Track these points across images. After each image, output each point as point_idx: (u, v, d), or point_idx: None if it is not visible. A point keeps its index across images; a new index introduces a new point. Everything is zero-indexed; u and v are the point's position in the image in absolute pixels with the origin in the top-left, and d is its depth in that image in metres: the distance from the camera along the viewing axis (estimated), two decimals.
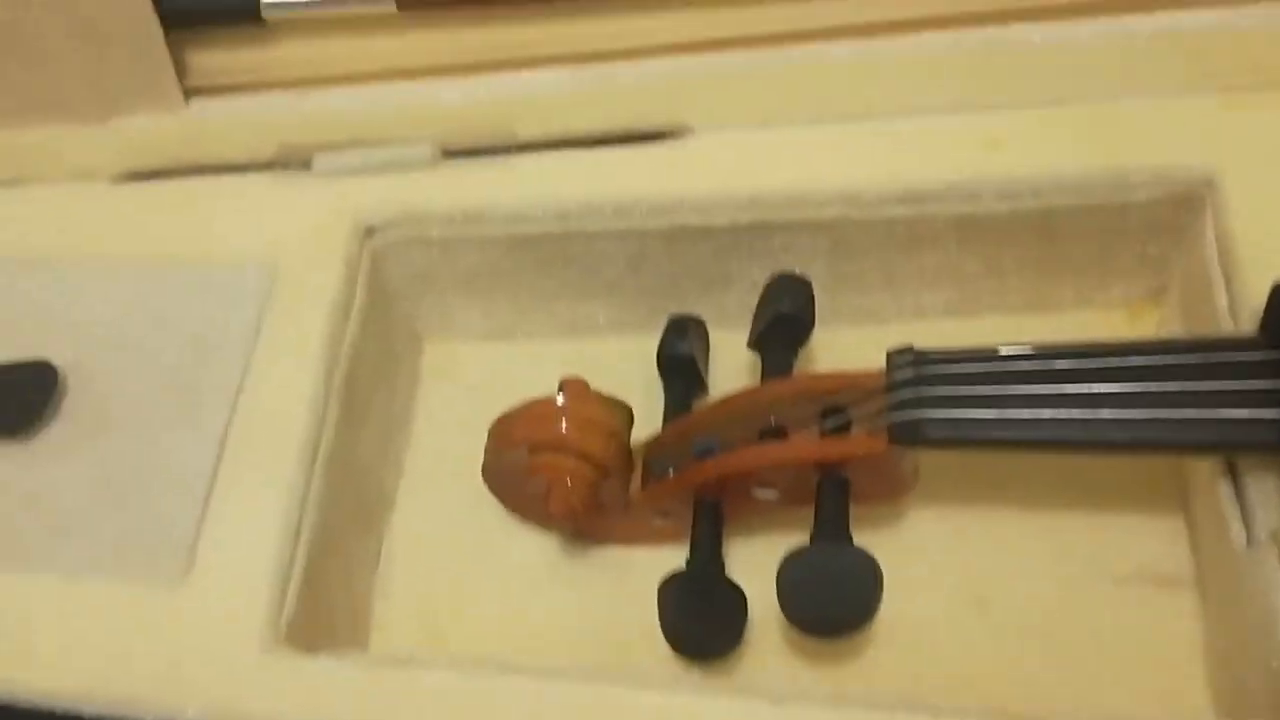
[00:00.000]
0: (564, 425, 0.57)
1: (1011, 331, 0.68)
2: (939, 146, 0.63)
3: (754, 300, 0.63)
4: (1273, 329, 0.52)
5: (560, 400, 0.58)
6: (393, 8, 0.65)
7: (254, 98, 0.68)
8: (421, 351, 0.72)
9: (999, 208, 0.62)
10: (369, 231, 0.65)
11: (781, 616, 0.52)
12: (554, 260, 0.66)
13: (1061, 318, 0.68)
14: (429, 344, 0.72)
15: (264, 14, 0.65)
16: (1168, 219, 0.63)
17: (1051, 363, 0.52)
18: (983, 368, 0.52)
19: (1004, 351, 0.53)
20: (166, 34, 0.65)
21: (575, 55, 0.66)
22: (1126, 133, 0.63)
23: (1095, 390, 0.51)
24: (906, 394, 0.53)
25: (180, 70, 0.67)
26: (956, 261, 0.66)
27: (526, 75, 0.66)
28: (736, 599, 0.56)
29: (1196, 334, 0.59)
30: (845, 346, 0.67)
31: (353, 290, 0.64)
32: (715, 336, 0.67)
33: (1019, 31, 0.63)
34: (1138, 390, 0.50)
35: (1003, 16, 0.63)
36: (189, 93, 0.68)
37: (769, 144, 0.65)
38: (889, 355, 0.54)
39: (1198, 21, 0.63)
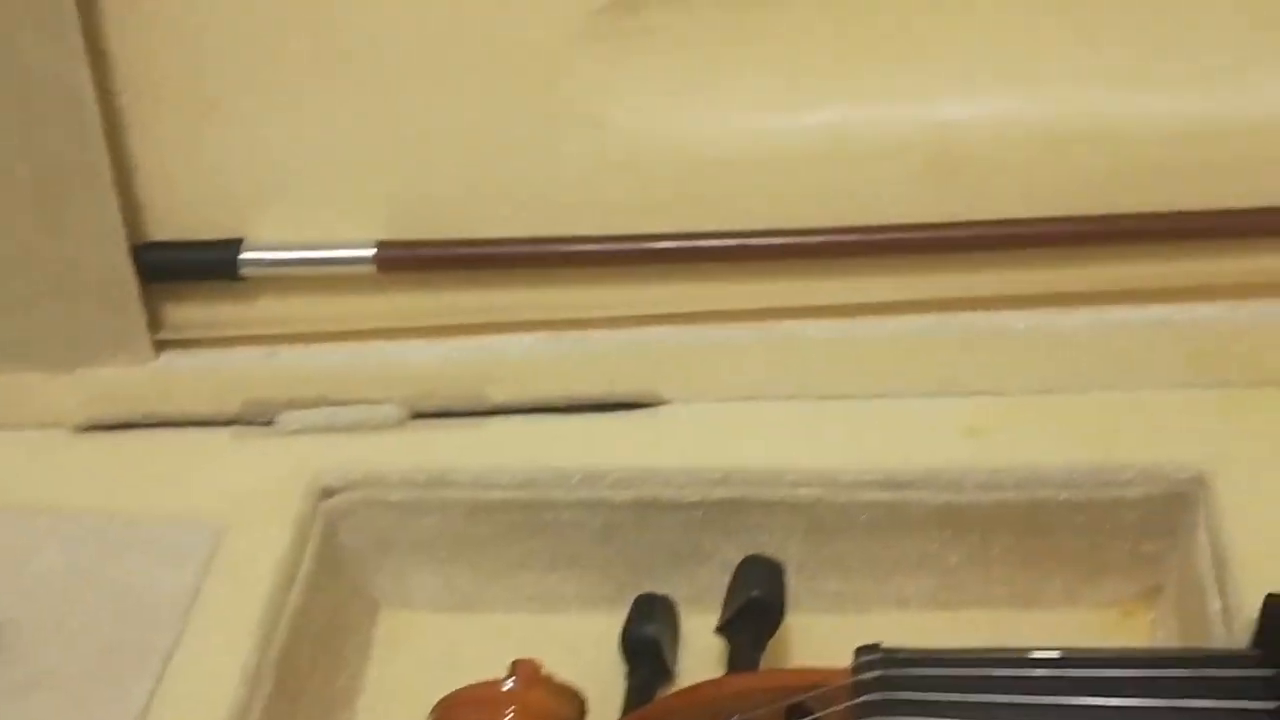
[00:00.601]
0: (509, 714, 0.53)
1: (996, 627, 0.65)
2: (918, 431, 0.61)
3: (727, 579, 0.60)
4: (1267, 644, 0.48)
5: (508, 685, 0.54)
6: (372, 269, 0.64)
7: (225, 352, 0.67)
8: (376, 620, 0.68)
9: (982, 498, 0.60)
10: (326, 492, 0.63)
11: None
12: (518, 529, 0.64)
13: (1049, 615, 0.65)
14: (385, 612, 0.68)
15: (242, 271, 0.65)
16: (1160, 518, 0.60)
17: (1029, 670, 0.48)
18: (955, 672, 0.49)
19: (979, 656, 0.49)
20: (142, 287, 0.65)
21: (551, 321, 0.65)
22: (1115, 426, 0.61)
23: (1076, 703, 0.47)
24: (873, 697, 0.49)
25: (153, 323, 0.66)
26: (938, 551, 0.63)
27: (500, 339, 0.65)
28: None
29: (1185, 646, 0.56)
30: (824, 634, 0.64)
31: (301, 554, 0.61)
32: (687, 617, 0.64)
33: (1002, 318, 0.62)
34: (1121, 706, 0.47)
35: (987, 303, 0.62)
36: (160, 345, 0.67)
37: (744, 419, 0.64)
38: (856, 653, 0.51)
39: (1193, 315, 0.62)
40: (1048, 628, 0.64)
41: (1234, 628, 0.54)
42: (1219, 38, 0.61)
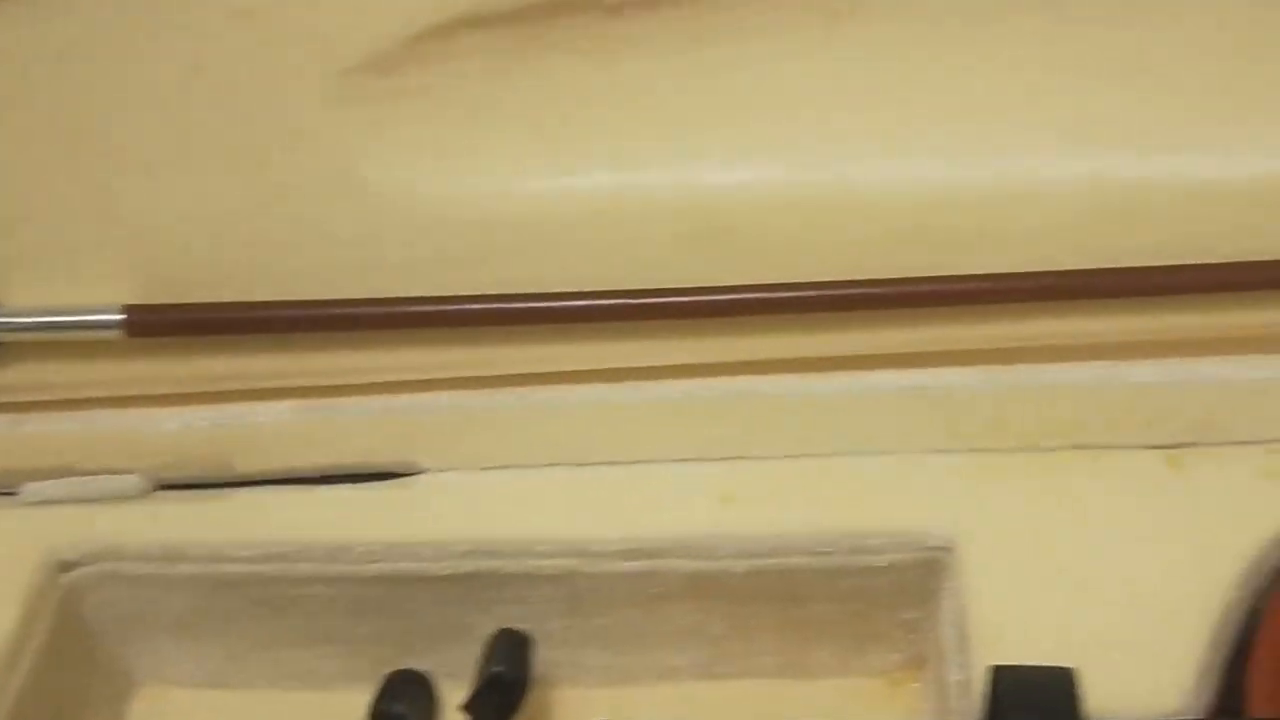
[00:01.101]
0: None
1: (765, 698, 0.64)
2: (672, 499, 0.60)
3: None
4: (989, 715, 0.48)
5: None
6: (121, 334, 0.62)
7: None
8: (131, 697, 0.66)
9: (735, 566, 0.59)
10: (64, 566, 0.61)
11: None
12: (267, 604, 0.62)
13: (818, 685, 0.64)
14: (142, 688, 0.66)
15: None
16: (913, 584, 0.60)
17: None
18: None
19: None
20: None
21: (304, 388, 0.63)
22: (868, 492, 0.60)
23: None
24: None
25: None
26: (700, 621, 0.62)
27: (251, 406, 0.63)
28: None
29: None
30: (590, 708, 0.63)
31: (31, 630, 0.58)
32: (451, 693, 0.62)
33: (756, 383, 0.61)
34: None
35: (744, 368, 0.62)
36: None
37: (501, 488, 0.62)
38: None
39: (946, 380, 0.62)
40: (817, 698, 0.64)
41: (973, 699, 0.53)
42: (967, 108, 0.61)
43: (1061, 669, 0.49)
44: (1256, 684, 0.51)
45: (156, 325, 0.62)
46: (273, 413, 0.63)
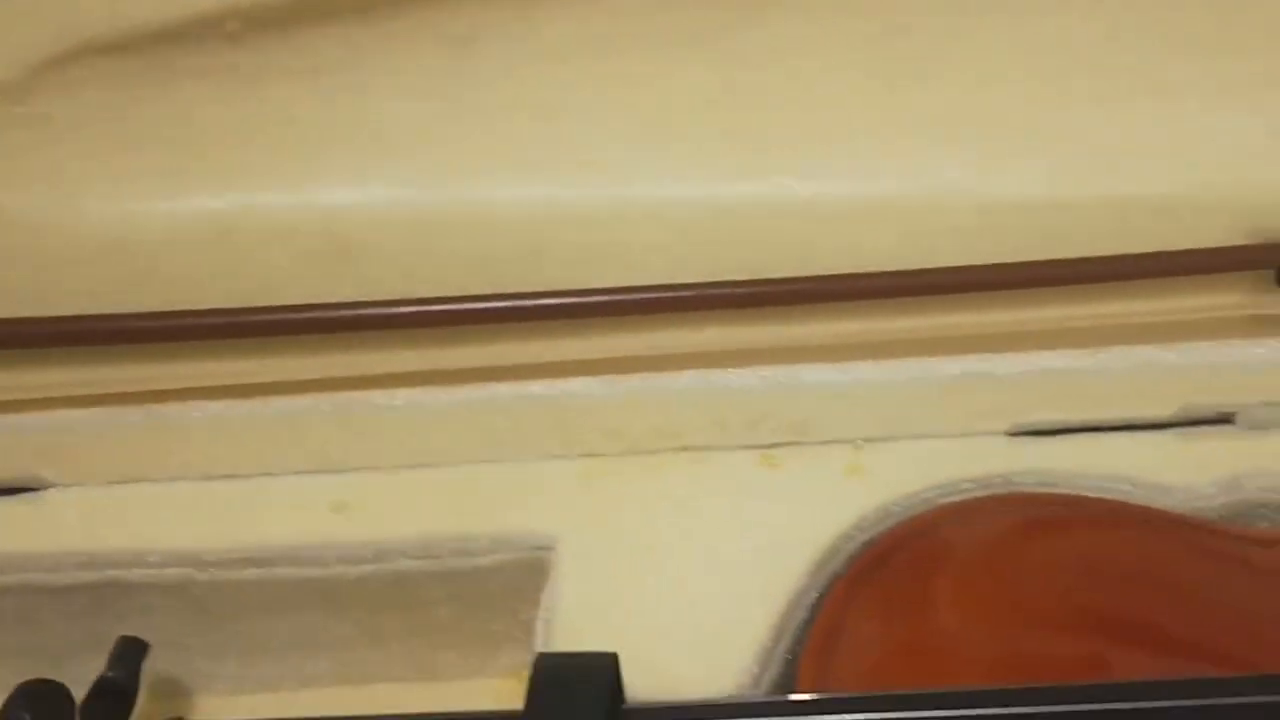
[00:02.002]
0: None
1: (399, 703, 0.65)
2: (287, 509, 0.62)
3: None
4: (532, 703, 0.50)
5: None
6: None
7: None
8: None
9: (348, 572, 0.61)
10: None
11: None
12: None
13: (451, 688, 0.66)
14: None
15: None
16: (526, 585, 0.62)
17: None
18: None
19: None
20: None
21: None
22: (479, 497, 0.63)
23: None
24: None
25: None
26: (330, 628, 0.64)
27: None
28: None
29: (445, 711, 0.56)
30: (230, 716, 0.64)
31: None
32: None
33: (371, 397, 0.64)
34: None
35: (359, 382, 0.64)
36: None
37: (124, 502, 0.64)
38: None
39: (561, 390, 0.64)
40: (451, 701, 0.65)
41: None
42: (584, 131, 0.65)
43: (603, 654, 0.51)
44: (804, 665, 0.54)
45: None
46: None
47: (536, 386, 0.65)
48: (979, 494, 0.62)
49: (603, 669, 0.50)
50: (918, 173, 0.66)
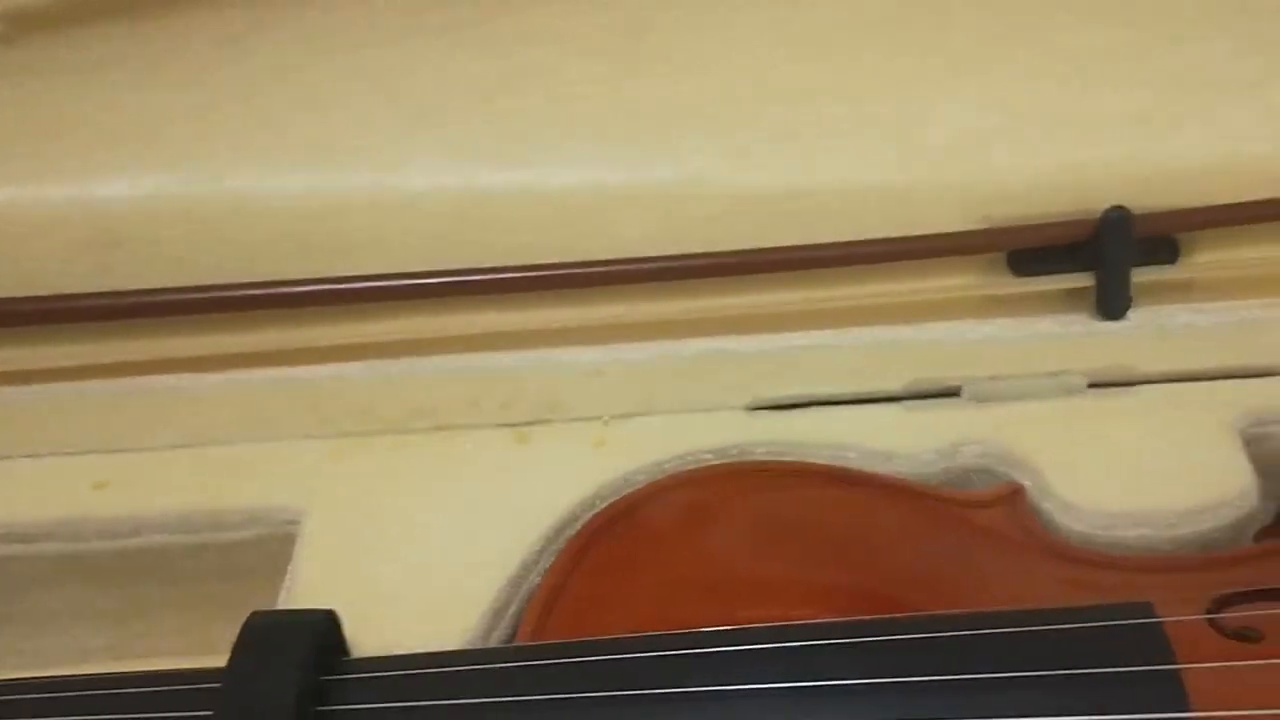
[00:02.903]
0: None
1: None
2: (50, 487, 0.65)
3: None
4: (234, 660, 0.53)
5: None
6: None
7: None
8: None
9: (106, 546, 0.64)
10: None
11: None
12: None
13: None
14: None
15: None
16: (279, 560, 0.65)
17: None
18: None
19: None
20: None
21: None
22: (236, 475, 0.66)
23: None
24: None
25: None
26: (102, 603, 0.67)
27: None
28: None
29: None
30: None
31: None
32: None
33: (134, 381, 0.67)
34: None
35: (123, 369, 0.67)
36: None
37: None
38: None
39: (318, 374, 0.68)
40: None
41: None
42: (345, 121, 0.68)
43: (316, 611, 0.54)
44: (525, 621, 0.58)
45: None
46: None
47: (296, 370, 0.68)
48: (713, 463, 0.66)
49: (312, 625, 0.53)
50: (669, 162, 0.69)
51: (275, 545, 0.64)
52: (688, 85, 0.70)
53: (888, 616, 0.52)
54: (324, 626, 0.53)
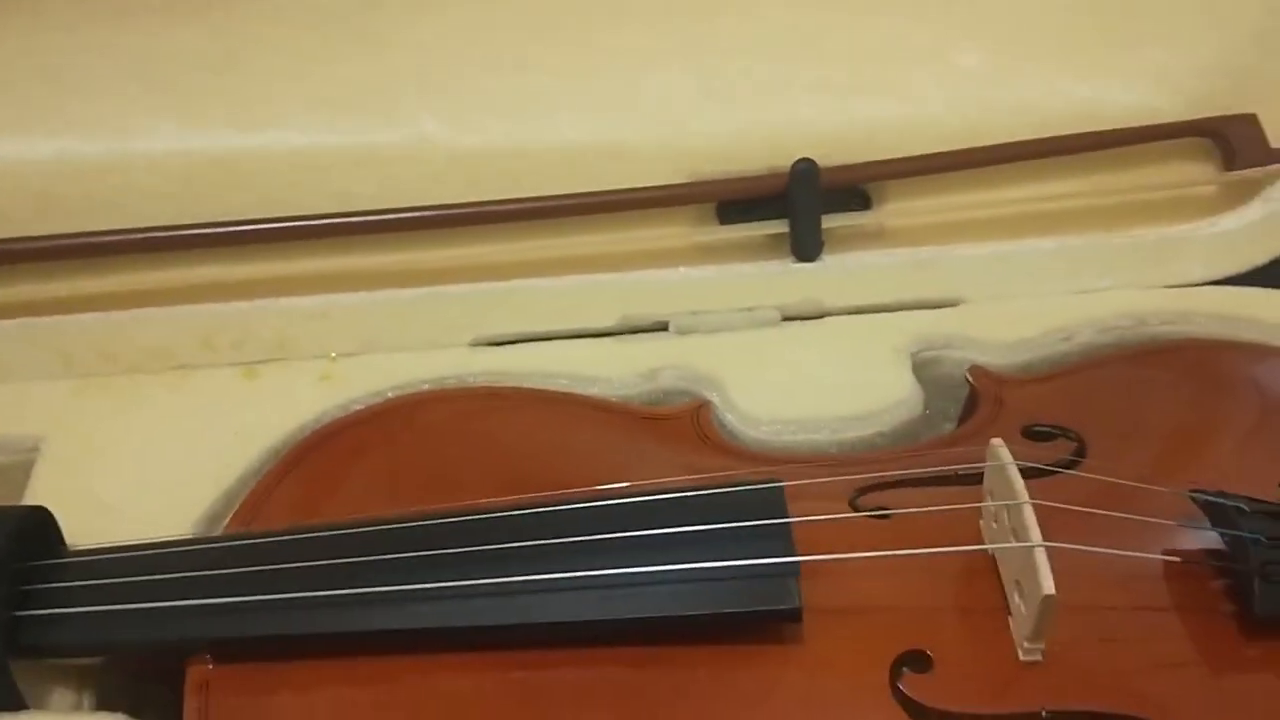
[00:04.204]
0: None
1: None
2: None
3: None
4: None
5: None
6: None
7: None
8: None
9: None
10: None
11: None
12: None
13: None
14: None
15: None
16: (19, 489, 0.69)
17: None
18: None
19: None
20: None
21: None
22: None
23: None
24: None
25: None
26: None
27: None
28: None
29: None
30: None
31: None
32: None
33: None
34: None
35: None
36: None
37: None
38: None
39: (62, 322, 0.73)
40: None
41: None
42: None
43: (24, 507, 0.59)
44: (234, 516, 0.63)
45: None
46: None
47: (42, 320, 0.73)
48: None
49: (15, 514, 0.58)
50: (394, 125, 0.76)
51: (19, 474, 0.69)
52: (413, 57, 0.77)
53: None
54: (29, 515, 0.58)
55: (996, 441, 0.59)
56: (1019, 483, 0.56)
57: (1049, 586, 0.52)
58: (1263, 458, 0.65)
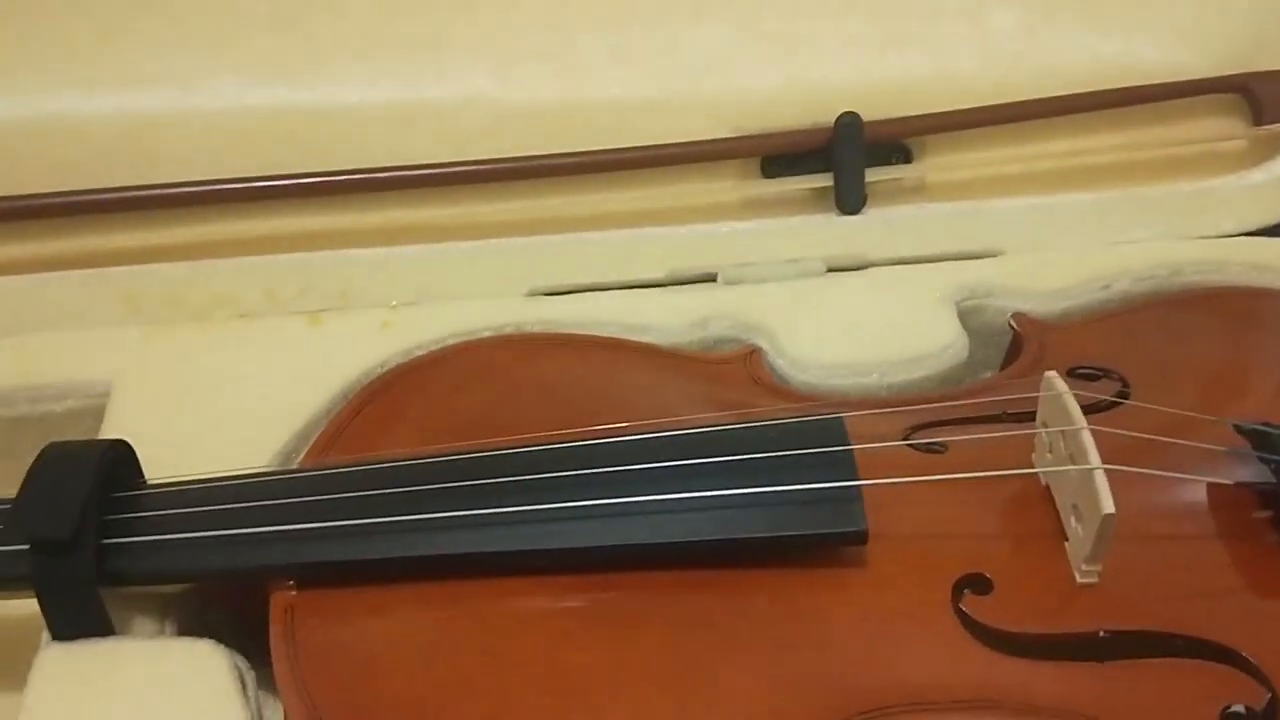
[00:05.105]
0: None
1: None
2: None
3: None
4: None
5: None
6: None
7: None
8: None
9: None
10: None
11: None
12: None
13: None
14: None
15: None
16: (92, 434, 0.71)
17: None
18: None
19: None
20: None
21: None
22: (52, 358, 0.72)
23: None
24: None
25: None
26: None
27: None
28: None
29: None
30: None
31: None
32: None
33: None
34: None
35: None
36: None
37: None
38: None
39: (130, 271, 0.75)
40: None
41: None
42: None
43: (105, 440, 0.61)
44: (307, 453, 0.65)
45: None
46: None
47: (110, 270, 0.74)
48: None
49: (99, 445, 0.59)
50: (442, 81, 0.78)
51: (90, 419, 0.71)
52: (460, 14, 0.78)
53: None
54: (111, 448, 0.60)
55: (1051, 374, 0.60)
56: (1075, 409, 0.58)
57: (1109, 505, 0.54)
58: None
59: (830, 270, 0.79)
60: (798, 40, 0.80)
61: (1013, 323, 0.74)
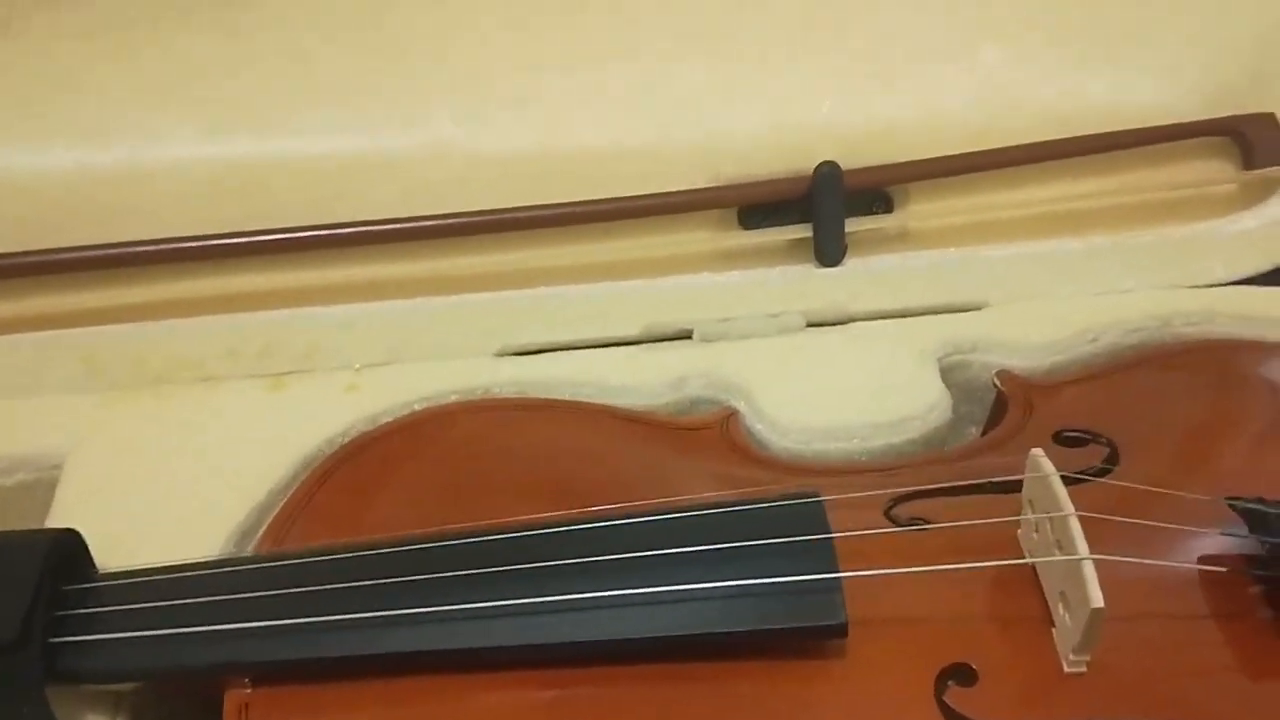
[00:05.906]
0: None
1: None
2: None
3: None
4: None
5: None
6: None
7: None
8: None
9: None
10: None
11: None
12: None
13: None
14: None
15: None
16: (44, 507, 0.68)
17: None
18: None
19: None
20: None
21: None
22: (4, 426, 0.70)
23: None
24: None
25: None
26: None
27: None
28: None
29: None
30: None
31: None
32: None
33: None
34: None
35: None
36: None
37: None
38: None
39: (88, 333, 0.72)
40: None
41: None
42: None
43: (53, 530, 0.59)
44: (263, 539, 0.63)
45: None
46: None
47: (68, 332, 0.72)
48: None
49: (48, 537, 0.57)
50: (411, 130, 0.75)
51: (42, 491, 0.68)
52: (427, 61, 0.76)
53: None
54: (59, 539, 0.57)
55: (1037, 452, 0.58)
56: (1063, 493, 0.56)
57: (1098, 600, 0.52)
58: None
59: (810, 324, 0.77)
60: (778, 81, 0.78)
61: (997, 381, 0.72)
